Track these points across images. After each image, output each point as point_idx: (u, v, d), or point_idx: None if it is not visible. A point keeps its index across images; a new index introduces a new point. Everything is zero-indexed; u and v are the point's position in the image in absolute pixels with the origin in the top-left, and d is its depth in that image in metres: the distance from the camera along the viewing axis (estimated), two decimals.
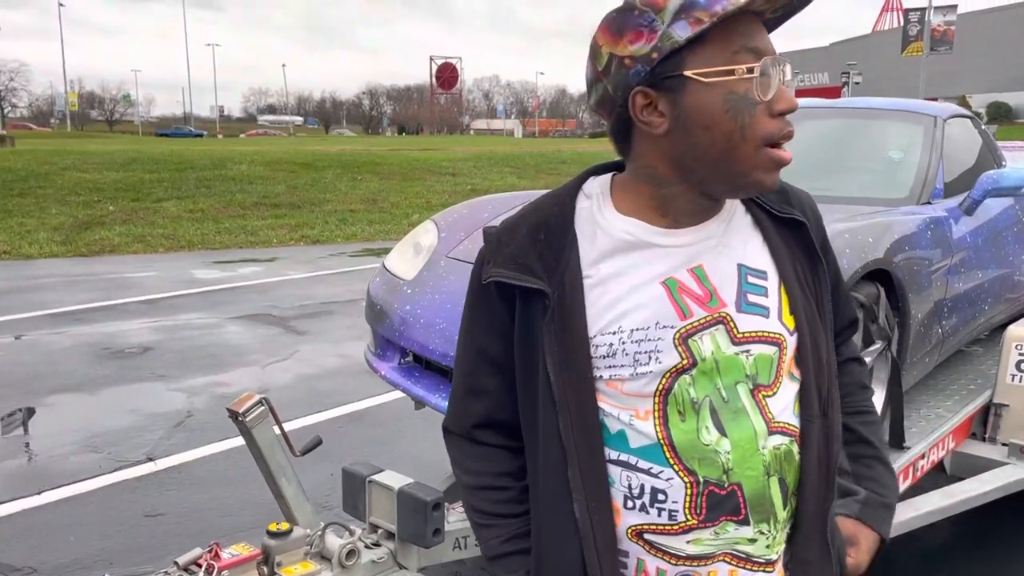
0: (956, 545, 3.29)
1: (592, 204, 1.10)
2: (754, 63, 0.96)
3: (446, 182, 19.05)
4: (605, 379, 1.04)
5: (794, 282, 1.09)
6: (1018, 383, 3.33)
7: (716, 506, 1.02)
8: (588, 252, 1.06)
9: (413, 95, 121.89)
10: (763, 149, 0.98)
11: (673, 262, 1.04)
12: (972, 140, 4.08)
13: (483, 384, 1.15)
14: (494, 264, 1.08)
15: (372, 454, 4.13)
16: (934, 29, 37.56)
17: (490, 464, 1.17)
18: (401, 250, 3.31)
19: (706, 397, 1.02)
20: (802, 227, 1.12)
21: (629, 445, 1.04)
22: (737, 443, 1.02)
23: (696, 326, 1.03)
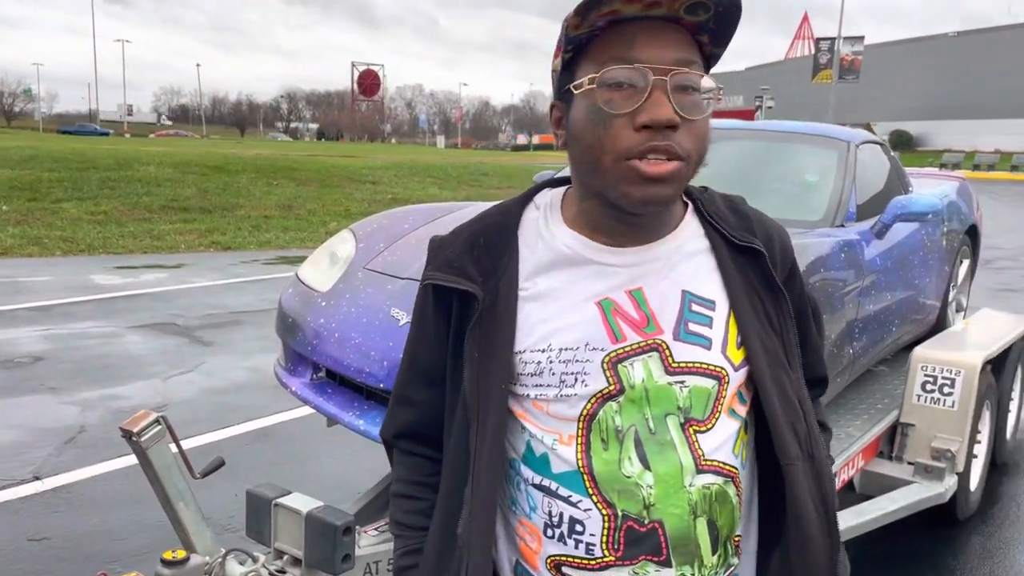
0: (866, 561, 3.35)
1: (539, 215, 1.07)
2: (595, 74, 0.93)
3: (366, 190, 18.78)
4: (532, 398, 1.00)
5: (749, 314, 1.02)
6: (923, 403, 3.43)
7: (635, 543, 0.97)
8: (528, 264, 1.03)
9: (334, 100, 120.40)
10: (623, 162, 0.92)
11: (612, 282, 1.00)
12: (882, 165, 4.21)
13: (412, 394, 1.13)
14: (431, 268, 1.07)
15: (280, 474, 3.95)
16: (843, 58, 39.32)
17: (409, 472, 1.16)
18: (316, 260, 3.18)
19: (632, 426, 0.97)
20: (760, 257, 1.05)
21: (551, 470, 0.99)
22: (661, 477, 0.96)
23: (628, 351, 0.98)
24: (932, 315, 4.32)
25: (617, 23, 0.92)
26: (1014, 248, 13.50)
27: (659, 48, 0.92)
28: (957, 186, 4.95)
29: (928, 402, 3.40)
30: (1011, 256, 12.61)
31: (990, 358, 3.66)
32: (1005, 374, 4.12)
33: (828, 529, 1.03)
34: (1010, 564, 3.37)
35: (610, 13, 0.90)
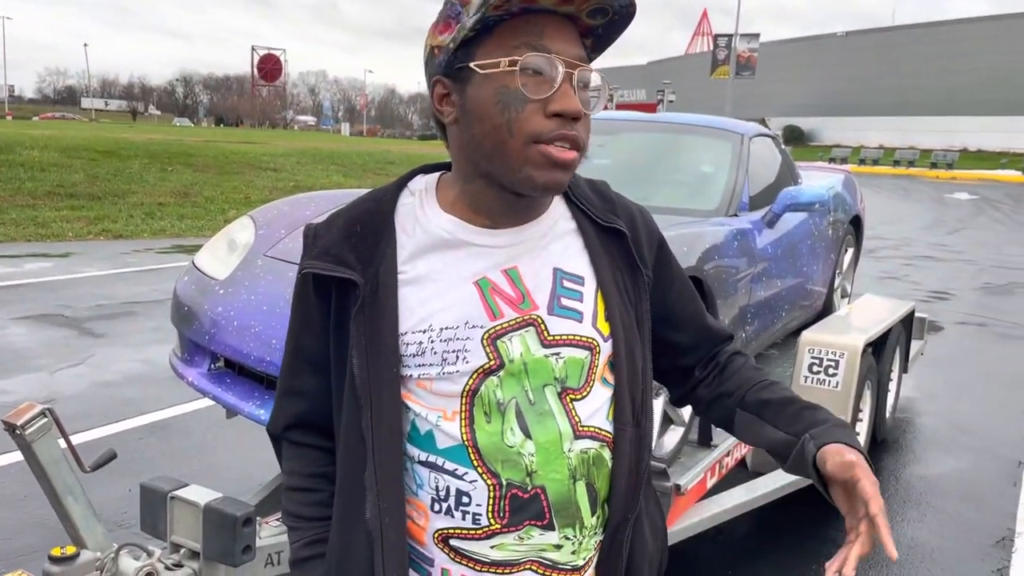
0: (757, 535, 3.51)
1: (415, 200, 1.09)
2: (518, 58, 0.96)
3: (267, 177, 18.30)
4: (415, 378, 1.03)
5: (612, 289, 1.09)
6: (810, 384, 3.61)
7: (519, 509, 1.01)
8: (405, 248, 1.05)
9: (233, 85, 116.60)
10: (532, 146, 0.96)
11: (488, 262, 1.04)
12: (774, 158, 4.40)
13: (300, 384, 1.13)
14: (308, 257, 1.07)
15: (177, 468, 3.84)
16: (739, 55, 40.61)
17: (303, 464, 1.16)
18: (214, 247, 3.09)
19: (512, 399, 1.01)
20: (623, 237, 1.12)
21: (436, 446, 1.02)
22: (542, 445, 1.01)
23: (506, 327, 1.02)
24: (819, 301, 4.55)
25: (528, 12, 0.96)
26: (896, 239, 14.30)
27: (565, 42, 0.97)
28: (843, 179, 5.22)
29: (814, 383, 3.58)
30: (893, 246, 13.36)
31: (871, 341, 3.87)
32: (885, 356, 4.38)
33: (635, 490, 1.10)
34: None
35: (529, 1, 0.94)
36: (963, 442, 4.75)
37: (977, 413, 5.27)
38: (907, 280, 10.22)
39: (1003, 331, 7.66)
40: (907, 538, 3.57)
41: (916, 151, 40.36)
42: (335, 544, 1.09)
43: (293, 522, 1.15)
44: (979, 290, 9.80)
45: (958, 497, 4.00)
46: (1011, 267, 11.61)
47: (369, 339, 1.02)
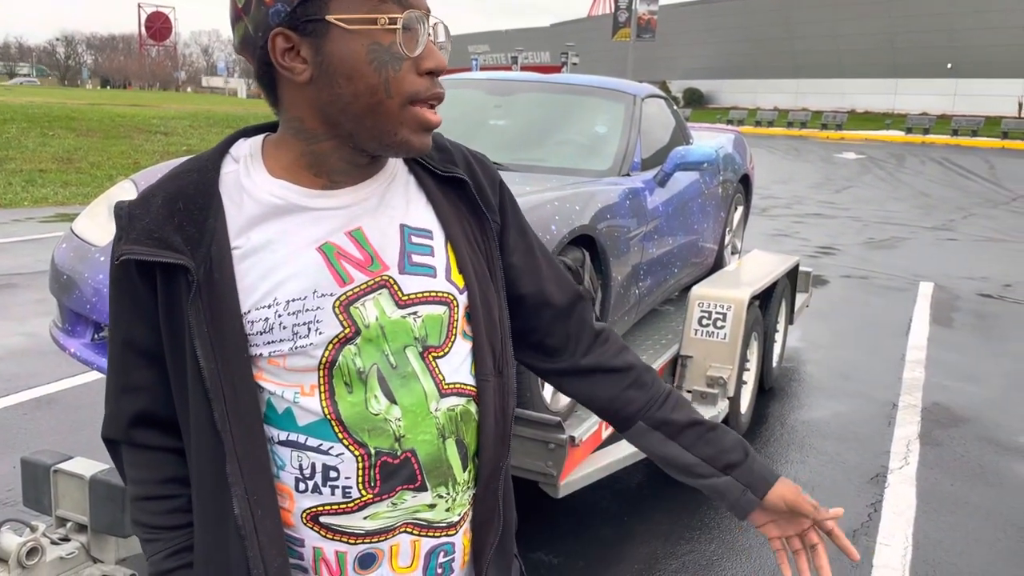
0: (649, 484, 3.66)
1: (240, 168, 1.01)
2: (398, 15, 0.92)
3: (157, 142, 17.52)
4: (266, 356, 0.97)
5: (462, 240, 1.06)
6: (700, 337, 3.75)
7: (390, 476, 0.99)
8: (235, 220, 0.97)
9: (119, 45, 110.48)
10: (408, 107, 0.94)
11: (329, 226, 0.98)
12: (666, 119, 4.50)
13: (136, 379, 1.03)
14: (126, 240, 0.97)
15: (66, 443, 3.70)
16: (640, 17, 40.97)
17: (152, 471, 1.06)
18: (93, 212, 2.98)
19: (373, 365, 0.98)
20: (464, 185, 1.09)
21: (297, 424, 0.98)
22: (408, 409, 0.99)
23: (357, 292, 0.98)
24: (710, 258, 4.71)
25: None
26: (787, 197, 14.87)
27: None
28: (733, 139, 5.38)
29: (703, 335, 3.73)
30: (785, 204, 13.90)
31: (756, 293, 4.05)
32: (771, 308, 4.59)
33: (503, 439, 1.09)
34: None
35: None
36: (844, 387, 5.05)
37: (857, 360, 5.60)
38: (797, 237, 10.68)
39: (883, 283, 8.12)
40: (790, 478, 3.77)
41: (808, 112, 41.87)
42: (201, 547, 1.02)
43: (149, 534, 1.06)
44: (863, 245, 10.33)
45: (837, 439, 4.26)
46: (893, 223, 12.27)
47: (211, 325, 0.94)
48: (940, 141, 32.23)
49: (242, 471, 0.96)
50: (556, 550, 3.07)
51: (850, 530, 3.33)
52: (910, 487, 3.73)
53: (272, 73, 0.96)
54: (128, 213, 0.99)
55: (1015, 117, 38.37)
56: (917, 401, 4.83)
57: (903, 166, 22.13)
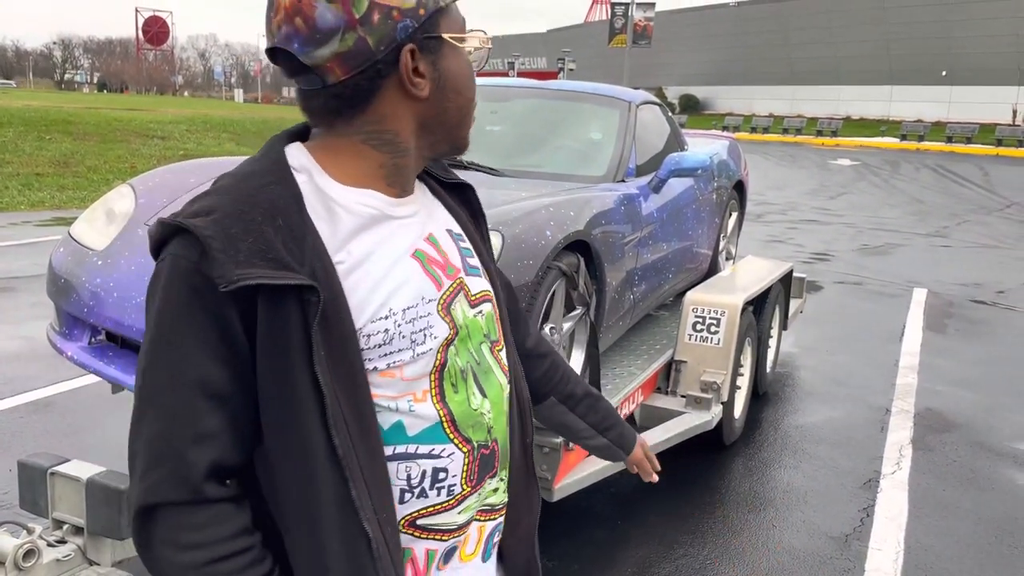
0: (644, 488, 3.67)
1: (310, 179, 0.96)
2: (479, 31, 1.02)
3: (154, 146, 17.53)
4: (380, 370, 0.94)
5: (476, 240, 1.13)
6: (694, 342, 3.78)
7: (483, 467, 1.04)
8: (330, 234, 0.93)
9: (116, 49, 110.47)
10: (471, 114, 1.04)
11: (414, 233, 1.01)
12: (661, 125, 4.53)
13: (209, 426, 0.89)
14: (235, 264, 0.85)
15: (62, 446, 3.71)
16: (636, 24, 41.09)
17: (222, 527, 0.91)
18: (91, 217, 2.99)
19: (468, 363, 1.03)
20: (467, 189, 1.17)
21: (407, 435, 0.97)
22: (493, 401, 1.05)
23: (449, 295, 1.02)
24: (705, 263, 4.74)
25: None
26: (782, 203, 14.92)
27: None
28: (727, 145, 5.42)
29: (697, 340, 3.76)
30: (779, 211, 13.94)
31: (750, 299, 4.08)
32: (765, 313, 4.62)
33: (528, 414, 1.17)
34: (767, 480, 3.83)
35: None
36: (837, 393, 5.08)
37: (851, 365, 5.63)
38: (791, 243, 10.72)
39: (877, 289, 8.15)
40: (783, 483, 3.81)
41: (803, 119, 42.01)
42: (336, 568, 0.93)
43: None
44: (857, 251, 10.37)
45: (831, 444, 4.28)
46: (887, 229, 12.32)
47: (330, 349, 0.89)
48: (935, 148, 32.35)
49: (369, 494, 0.92)
50: (550, 553, 3.08)
51: (843, 535, 3.36)
52: (902, 492, 3.75)
53: (375, 87, 0.94)
54: (224, 233, 0.87)
55: (1009, 124, 38.51)
56: (910, 406, 4.86)
57: (898, 173, 22.21)
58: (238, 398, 0.90)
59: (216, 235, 0.87)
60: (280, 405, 0.90)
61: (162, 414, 0.89)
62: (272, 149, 0.98)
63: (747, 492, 3.70)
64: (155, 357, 0.90)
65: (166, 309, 0.89)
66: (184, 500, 0.89)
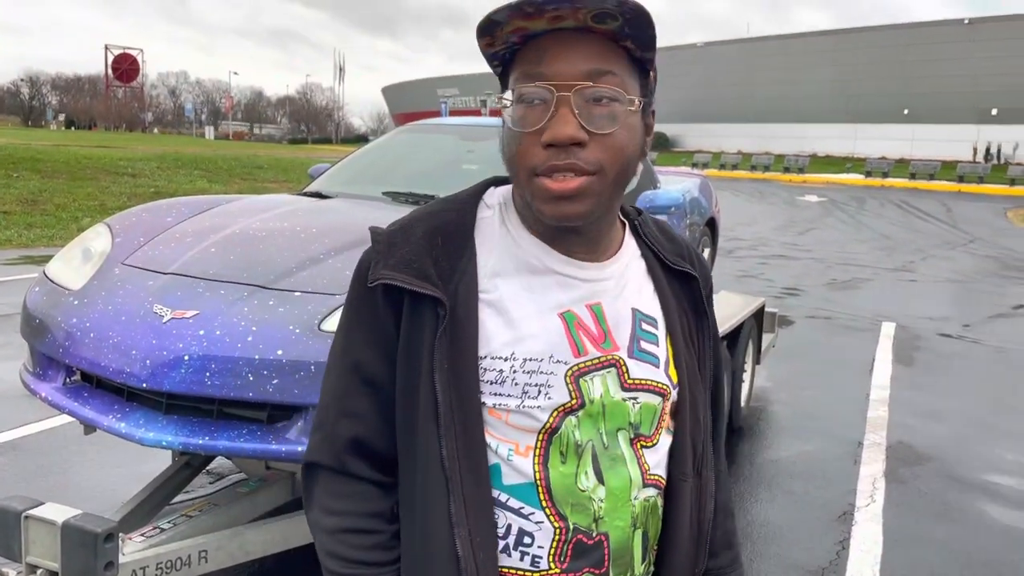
0: None
1: (495, 215, 1.03)
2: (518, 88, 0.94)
3: (124, 183, 17.40)
4: (488, 406, 0.96)
5: (679, 335, 1.07)
6: None
7: (581, 555, 0.98)
8: (487, 265, 0.99)
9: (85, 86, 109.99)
10: (534, 178, 0.93)
11: (574, 294, 0.99)
12: None
13: (357, 405, 1.01)
14: (384, 266, 0.97)
15: (31, 488, 3.64)
16: None
17: (359, 503, 1.01)
18: (67, 256, 2.97)
19: (589, 441, 0.98)
20: (693, 281, 1.11)
21: (502, 481, 0.97)
22: (612, 491, 0.98)
23: (589, 366, 0.98)
24: None
25: (533, 37, 0.92)
26: (752, 239, 15.14)
27: (569, 62, 0.91)
28: (699, 183, 5.52)
29: None
30: (750, 246, 14.15)
31: (724, 334, 4.13)
32: (739, 348, 4.67)
33: (699, 542, 1.09)
34: (744, 514, 3.85)
35: (518, 30, 0.90)
36: (810, 426, 5.13)
37: (823, 399, 5.69)
38: (762, 278, 10.86)
39: (847, 323, 8.28)
40: (760, 518, 3.83)
41: (771, 156, 42.79)
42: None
43: (348, 568, 1.00)
44: (826, 286, 10.54)
45: (805, 478, 4.32)
46: (855, 264, 12.54)
47: (452, 363, 0.94)
48: (899, 184, 33.09)
49: (467, 512, 0.94)
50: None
51: (819, 568, 3.38)
52: (876, 525, 3.79)
53: None
54: (388, 240, 1.00)
55: (970, 161, 39.55)
56: (882, 439, 4.92)
57: (864, 209, 22.65)
58: (388, 388, 0.99)
59: (383, 241, 1.00)
60: (407, 405, 0.97)
61: (328, 387, 1.04)
62: (477, 186, 1.07)
63: None
64: (336, 339, 1.04)
65: (348, 298, 1.03)
66: (332, 466, 1.02)
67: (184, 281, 2.61)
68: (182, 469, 2.88)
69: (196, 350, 2.31)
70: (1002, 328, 8.36)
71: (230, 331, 2.35)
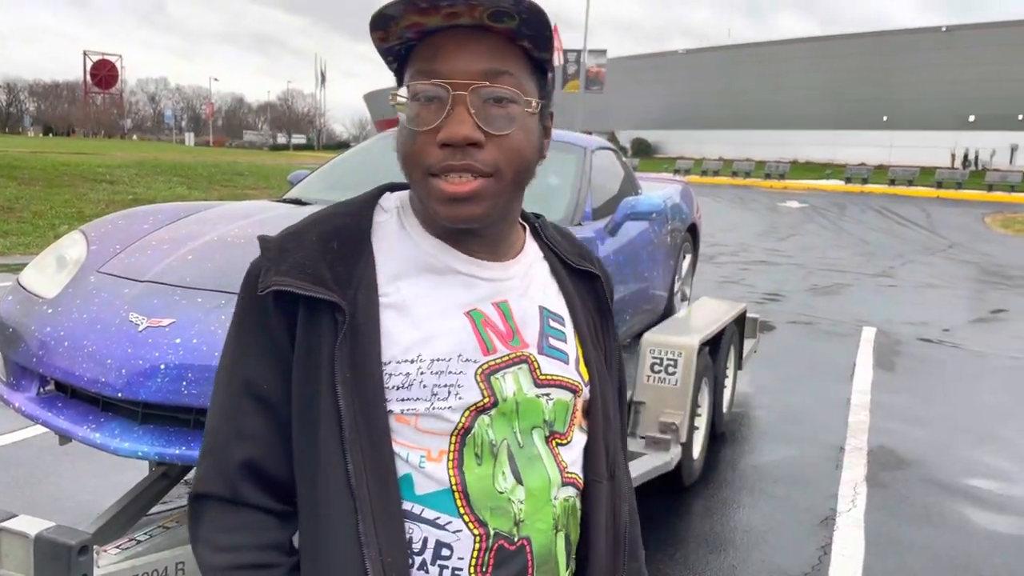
0: None
1: (392, 219, 1.00)
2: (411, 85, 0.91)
3: (102, 190, 17.24)
4: (396, 413, 0.91)
5: (586, 334, 1.06)
6: (652, 383, 3.81)
7: (504, 563, 0.93)
8: (386, 269, 0.95)
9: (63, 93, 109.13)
10: (429, 178, 0.90)
11: (479, 293, 0.97)
12: (615, 170, 4.61)
13: (250, 426, 0.94)
14: (276, 272, 0.92)
15: (6, 500, 3.58)
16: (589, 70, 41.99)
17: (253, 535, 0.93)
18: (41, 264, 2.93)
19: (504, 440, 0.94)
20: (596, 280, 1.11)
21: (414, 492, 0.91)
22: (532, 492, 0.95)
23: (499, 363, 0.95)
24: (661, 305, 4.80)
25: (429, 34, 0.89)
26: (734, 245, 15.22)
27: (465, 60, 0.89)
28: (680, 189, 5.53)
29: (655, 381, 3.79)
30: (731, 252, 14.21)
31: (706, 340, 4.14)
32: (720, 354, 4.68)
33: (617, 546, 1.06)
34: (727, 520, 3.85)
35: (413, 26, 0.87)
36: (792, 431, 5.14)
37: (805, 404, 5.71)
38: (744, 284, 10.91)
39: (828, 328, 8.32)
40: (742, 523, 3.83)
41: (752, 162, 43.00)
42: None
43: None
44: (807, 291, 10.60)
45: (787, 483, 4.33)
46: (835, 269, 12.62)
47: (354, 372, 0.90)
48: (878, 190, 33.38)
49: (376, 530, 0.89)
50: None
51: (802, 573, 3.38)
52: (858, 529, 3.80)
53: None
54: (279, 246, 0.95)
55: (948, 168, 39.99)
56: (863, 444, 4.94)
57: (844, 214, 22.83)
58: (284, 407, 0.93)
59: (273, 247, 0.95)
60: (306, 420, 0.92)
61: (216, 409, 0.97)
62: (373, 190, 1.04)
63: (707, 533, 3.71)
64: (223, 356, 0.98)
65: (235, 311, 0.97)
66: (224, 496, 0.94)
67: (160, 289, 2.58)
68: (159, 480, 2.84)
69: (172, 359, 2.28)
70: (981, 333, 8.44)
71: (207, 339, 2.32)
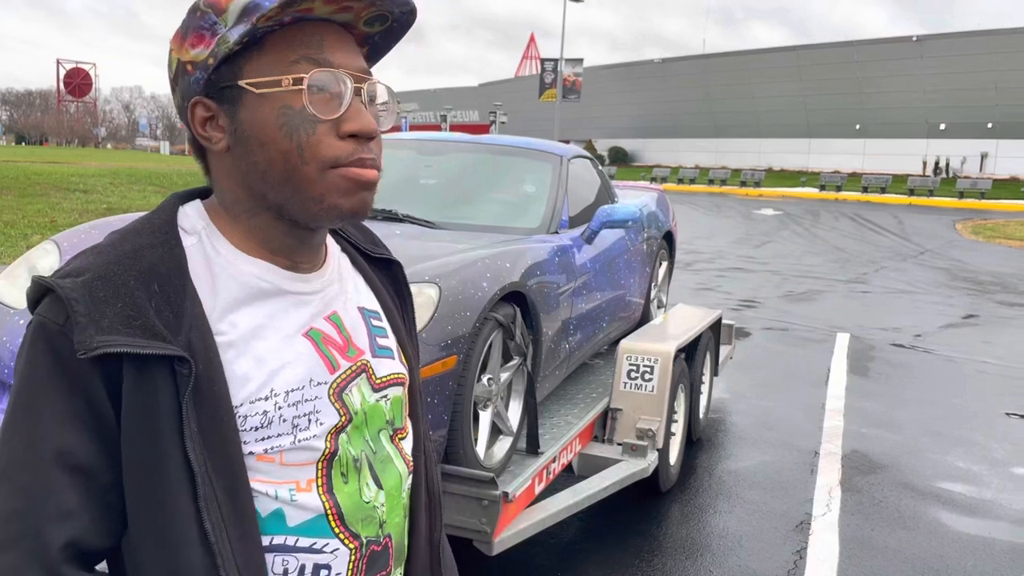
0: (582, 538, 3.67)
1: (200, 242, 0.91)
2: (304, 74, 0.85)
3: (76, 199, 17.04)
4: (257, 454, 0.87)
5: (397, 321, 1.07)
6: (629, 390, 3.83)
7: (372, 565, 0.95)
8: (213, 303, 0.87)
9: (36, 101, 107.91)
10: (329, 172, 0.86)
11: (311, 311, 0.94)
12: (592, 178, 4.65)
13: (67, 502, 0.80)
14: (98, 330, 0.79)
15: None
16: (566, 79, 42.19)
17: None
18: (12, 274, 2.90)
19: (362, 451, 0.95)
20: (394, 265, 1.11)
21: (286, 525, 0.89)
22: (389, 492, 0.97)
23: (345, 378, 0.94)
24: (637, 312, 4.83)
25: (301, 20, 0.86)
26: (710, 252, 15.33)
27: (347, 54, 0.88)
28: (656, 197, 5.57)
29: (632, 388, 3.81)
30: (707, 259, 14.31)
31: (682, 346, 4.17)
32: (696, 360, 4.71)
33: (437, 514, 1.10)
34: (703, 526, 3.87)
35: (304, 10, 0.84)
36: (768, 437, 5.19)
37: (780, 410, 5.76)
38: (720, 290, 10.99)
39: (802, 334, 8.41)
40: (719, 528, 3.85)
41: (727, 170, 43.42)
42: None
43: None
44: (783, 298, 10.70)
45: (763, 488, 4.36)
46: (810, 276, 12.75)
47: (203, 425, 0.83)
48: (852, 198, 33.78)
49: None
50: None
51: None
52: (833, 534, 3.84)
53: (196, 142, 0.92)
54: (88, 295, 0.81)
55: (920, 175, 40.57)
56: (837, 449, 4.99)
57: (818, 222, 23.07)
58: (104, 474, 0.82)
59: (81, 298, 0.81)
60: (147, 483, 0.82)
61: (17, 490, 0.80)
62: (165, 208, 0.93)
63: (684, 538, 3.73)
64: (14, 426, 0.82)
65: (28, 374, 0.82)
66: None
67: None
68: None
69: None
70: (952, 338, 8.56)
71: None
